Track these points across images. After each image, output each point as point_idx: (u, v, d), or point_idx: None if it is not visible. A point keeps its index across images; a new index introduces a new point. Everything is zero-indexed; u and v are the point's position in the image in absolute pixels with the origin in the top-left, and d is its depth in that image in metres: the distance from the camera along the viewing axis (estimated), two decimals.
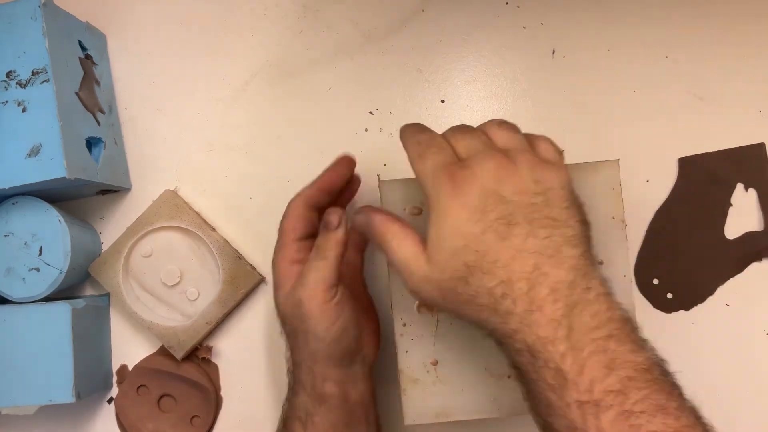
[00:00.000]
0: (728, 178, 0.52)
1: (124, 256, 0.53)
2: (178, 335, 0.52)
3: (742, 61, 0.52)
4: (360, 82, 0.55)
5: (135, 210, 0.54)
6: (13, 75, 0.47)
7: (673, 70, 0.53)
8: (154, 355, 0.55)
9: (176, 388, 0.54)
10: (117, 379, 0.55)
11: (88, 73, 0.52)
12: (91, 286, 0.56)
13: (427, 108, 0.54)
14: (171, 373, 0.54)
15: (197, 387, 0.54)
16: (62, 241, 0.50)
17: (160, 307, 0.54)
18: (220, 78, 0.56)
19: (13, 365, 0.49)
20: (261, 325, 0.54)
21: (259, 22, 0.56)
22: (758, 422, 0.51)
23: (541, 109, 0.54)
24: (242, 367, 0.54)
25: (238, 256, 0.53)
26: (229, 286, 0.53)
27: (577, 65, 0.53)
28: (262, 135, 0.55)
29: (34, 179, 0.46)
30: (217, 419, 0.54)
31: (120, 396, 0.55)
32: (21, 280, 0.50)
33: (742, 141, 0.52)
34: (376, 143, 0.54)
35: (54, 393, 0.49)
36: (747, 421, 0.51)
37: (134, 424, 0.54)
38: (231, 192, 0.55)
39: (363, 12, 0.55)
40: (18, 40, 0.47)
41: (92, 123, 0.51)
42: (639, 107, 0.53)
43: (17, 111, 0.47)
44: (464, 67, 0.54)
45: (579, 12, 0.54)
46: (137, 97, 0.56)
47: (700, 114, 0.52)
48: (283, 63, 0.55)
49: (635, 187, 0.52)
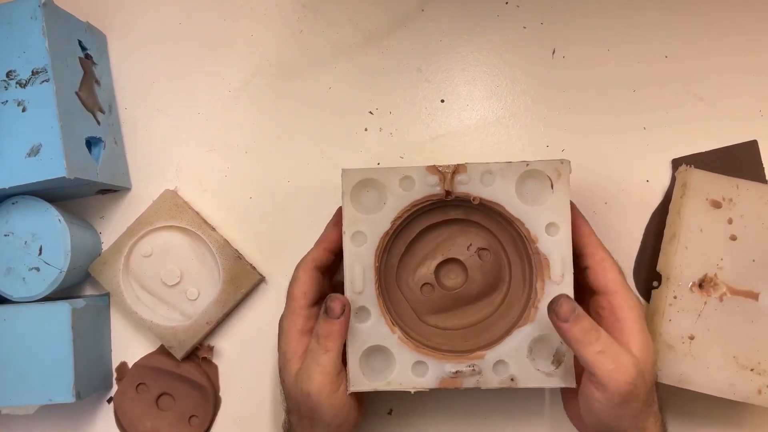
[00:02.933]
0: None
1: (124, 256, 0.53)
2: (178, 335, 0.52)
3: (742, 61, 0.52)
4: (360, 82, 0.55)
5: (135, 210, 0.54)
6: (13, 75, 0.47)
7: (672, 70, 0.53)
8: (154, 353, 0.55)
9: (175, 388, 0.54)
10: (116, 376, 0.55)
11: (88, 72, 0.52)
12: (91, 286, 0.56)
13: (426, 108, 0.54)
14: (170, 372, 0.54)
15: (196, 387, 0.54)
16: (62, 240, 0.50)
17: (160, 306, 0.54)
18: (220, 78, 0.56)
19: (13, 365, 0.49)
20: (261, 325, 0.54)
21: (259, 22, 0.56)
22: None
23: (541, 109, 0.54)
24: (242, 367, 0.54)
25: (238, 256, 0.53)
26: (229, 285, 0.53)
27: (577, 65, 0.53)
28: (262, 135, 0.55)
29: (34, 179, 0.46)
30: (216, 419, 0.54)
31: (119, 393, 0.54)
32: (21, 280, 0.50)
33: (741, 141, 0.52)
34: (376, 143, 0.54)
35: (54, 393, 0.49)
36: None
37: (132, 421, 0.54)
38: (231, 192, 0.55)
39: (363, 12, 0.55)
40: (18, 39, 0.47)
41: (92, 123, 0.51)
42: (639, 107, 0.53)
43: (17, 111, 0.47)
44: (464, 67, 0.55)
45: (579, 12, 0.54)
46: (137, 96, 0.56)
47: (700, 114, 0.52)
48: (283, 63, 0.55)
49: (635, 187, 0.52)
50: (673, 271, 0.47)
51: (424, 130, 0.54)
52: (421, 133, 0.54)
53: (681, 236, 0.47)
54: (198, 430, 0.54)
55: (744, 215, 0.47)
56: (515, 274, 0.46)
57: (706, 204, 0.48)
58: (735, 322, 0.47)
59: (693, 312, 0.47)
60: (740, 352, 0.46)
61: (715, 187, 0.48)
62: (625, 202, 0.52)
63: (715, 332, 0.47)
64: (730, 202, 0.47)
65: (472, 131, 0.54)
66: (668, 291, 0.47)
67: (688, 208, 0.48)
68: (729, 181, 0.48)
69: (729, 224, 0.47)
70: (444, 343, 0.46)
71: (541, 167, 0.43)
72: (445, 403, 0.53)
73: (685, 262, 0.47)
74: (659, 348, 0.47)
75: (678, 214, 0.48)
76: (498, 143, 0.54)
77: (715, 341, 0.47)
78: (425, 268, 0.47)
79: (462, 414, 0.53)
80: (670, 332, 0.47)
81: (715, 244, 0.47)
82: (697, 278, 0.47)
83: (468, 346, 0.45)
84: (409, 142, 0.54)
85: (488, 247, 0.46)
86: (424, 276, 0.47)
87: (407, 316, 0.47)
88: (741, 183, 0.48)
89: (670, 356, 0.47)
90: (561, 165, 0.43)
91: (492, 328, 0.46)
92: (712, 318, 0.47)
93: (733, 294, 0.47)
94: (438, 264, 0.47)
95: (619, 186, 0.52)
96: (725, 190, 0.48)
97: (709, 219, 0.47)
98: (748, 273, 0.47)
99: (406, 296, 0.47)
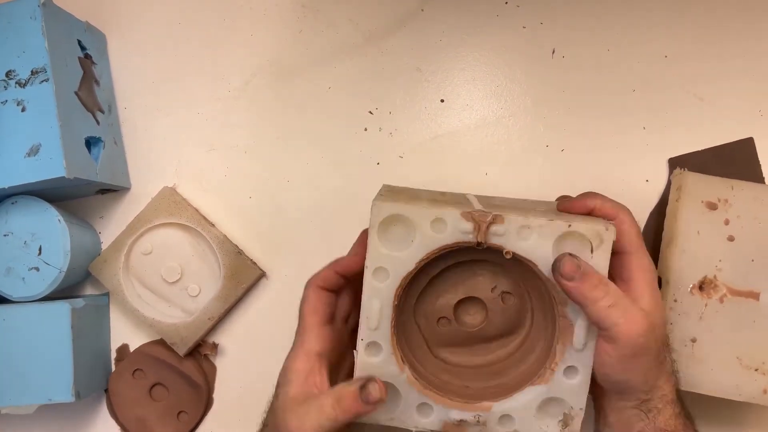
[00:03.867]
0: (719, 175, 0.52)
1: (124, 254, 0.53)
2: (180, 331, 0.52)
3: (742, 61, 0.52)
4: (360, 82, 0.55)
5: (134, 209, 0.54)
6: (13, 74, 0.47)
7: (672, 71, 0.53)
8: (156, 342, 0.55)
9: (171, 380, 0.54)
10: (116, 356, 0.55)
11: (87, 72, 0.52)
12: (91, 286, 0.56)
13: (426, 107, 0.54)
14: (170, 364, 0.54)
15: (191, 383, 0.54)
16: (62, 240, 0.50)
17: (161, 304, 0.54)
18: (220, 78, 0.56)
19: (12, 365, 0.49)
20: (263, 320, 0.54)
21: (259, 22, 0.56)
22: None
23: (541, 109, 0.54)
24: (243, 364, 0.55)
25: (238, 252, 0.53)
26: (230, 281, 0.53)
27: (577, 65, 0.53)
28: (262, 135, 0.55)
29: (34, 179, 0.46)
30: (204, 419, 0.54)
31: (115, 374, 0.55)
32: (21, 280, 0.50)
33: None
34: (376, 143, 0.54)
35: (53, 392, 0.49)
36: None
37: (123, 405, 0.54)
38: (231, 192, 0.55)
39: (363, 12, 0.55)
40: (17, 39, 0.47)
41: (91, 122, 0.51)
42: (638, 107, 0.53)
43: (17, 110, 0.47)
44: (464, 67, 0.55)
45: (579, 12, 0.54)
46: (137, 96, 0.56)
47: (700, 114, 0.52)
48: (283, 63, 0.55)
49: (635, 187, 0.52)
50: (673, 274, 0.47)
51: (424, 130, 0.54)
52: (420, 133, 0.54)
53: (678, 239, 0.47)
54: (185, 426, 0.54)
55: (740, 216, 0.47)
56: (536, 323, 0.44)
57: (702, 206, 0.48)
58: (737, 323, 0.47)
59: (694, 315, 0.47)
60: (743, 353, 0.47)
61: (710, 188, 0.48)
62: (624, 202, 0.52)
63: (718, 334, 0.47)
64: (725, 203, 0.47)
65: (472, 131, 0.54)
66: (668, 295, 0.47)
67: (684, 211, 0.48)
68: (724, 183, 0.48)
69: (726, 225, 0.47)
70: (451, 380, 0.44)
71: (584, 230, 0.40)
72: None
73: (683, 265, 0.47)
74: None
75: (674, 218, 0.48)
76: (498, 143, 0.54)
77: (717, 343, 0.47)
78: (445, 302, 0.45)
79: None
80: (673, 336, 0.47)
81: (712, 245, 0.47)
82: (696, 281, 0.47)
83: (476, 390, 0.44)
84: (409, 142, 0.54)
85: (513, 292, 0.44)
86: (443, 310, 0.45)
87: (418, 347, 0.45)
88: (736, 184, 0.48)
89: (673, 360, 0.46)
90: (605, 231, 0.40)
91: (503, 374, 0.44)
92: (714, 320, 0.47)
93: (734, 295, 0.47)
94: (459, 300, 0.45)
95: (619, 186, 0.52)
96: (720, 192, 0.48)
97: (706, 221, 0.47)
98: (747, 273, 0.47)
99: (420, 326, 0.45)
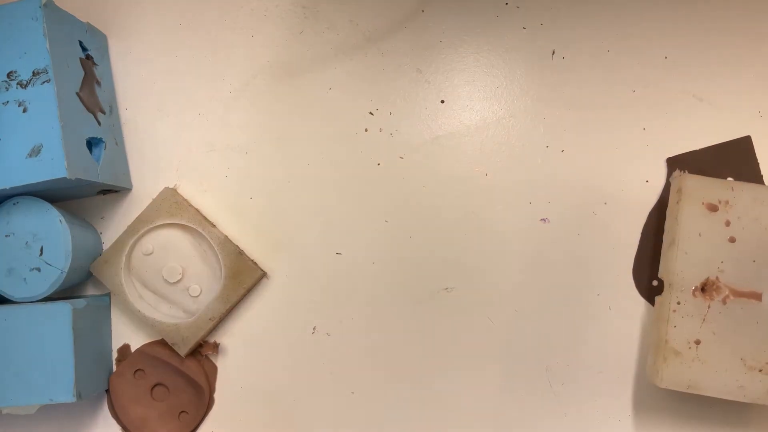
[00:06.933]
0: (717, 174, 0.52)
1: (125, 255, 0.53)
2: (181, 332, 0.53)
3: (742, 62, 0.52)
4: (360, 82, 0.55)
5: (136, 210, 0.55)
6: (14, 75, 0.48)
7: (672, 71, 0.53)
8: (158, 343, 0.55)
9: (172, 380, 0.54)
10: (117, 356, 0.55)
11: (88, 73, 0.52)
12: (92, 286, 0.56)
13: (426, 108, 0.55)
14: (171, 365, 0.54)
15: (192, 384, 0.54)
16: (63, 241, 0.50)
17: (162, 304, 0.54)
18: (221, 78, 0.56)
19: (13, 365, 0.49)
20: (264, 321, 0.54)
21: (259, 23, 0.56)
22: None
23: (540, 109, 0.54)
24: (244, 364, 0.55)
25: (239, 252, 0.53)
26: (231, 281, 0.53)
27: (577, 66, 0.53)
28: (262, 135, 0.55)
29: (35, 179, 0.47)
30: (205, 419, 0.55)
31: (116, 374, 0.55)
32: (22, 280, 0.50)
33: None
34: (376, 143, 0.54)
35: (55, 393, 0.49)
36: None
37: (124, 405, 0.54)
38: (231, 192, 0.55)
39: (363, 13, 0.55)
40: (19, 40, 0.47)
41: (93, 123, 0.51)
42: (638, 107, 0.53)
43: (18, 111, 0.47)
44: (464, 67, 0.55)
45: (579, 13, 0.54)
46: (138, 97, 0.56)
47: (700, 114, 0.52)
48: (283, 63, 0.55)
49: (634, 187, 0.52)
50: (675, 277, 0.48)
51: (424, 130, 0.54)
52: (421, 134, 0.54)
53: (680, 242, 0.47)
54: (186, 426, 0.54)
55: (741, 217, 0.47)
56: None
57: (703, 208, 0.48)
58: (740, 324, 0.47)
59: (697, 316, 0.47)
60: (747, 354, 0.47)
61: (710, 190, 0.48)
62: (624, 202, 0.52)
63: (721, 335, 0.47)
64: (726, 205, 0.48)
65: (472, 132, 0.54)
66: (671, 297, 0.47)
67: (685, 214, 0.48)
68: (723, 184, 0.48)
69: (727, 227, 0.47)
70: None
71: None
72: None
73: (685, 267, 0.47)
74: (666, 355, 0.47)
75: (675, 220, 0.48)
76: (498, 144, 0.54)
77: (721, 344, 0.47)
78: None
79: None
80: (676, 338, 0.47)
81: (714, 247, 0.47)
82: (699, 282, 0.47)
83: None
84: (409, 142, 0.54)
85: None
86: None
87: None
88: (736, 185, 0.48)
89: (677, 362, 0.47)
90: None
91: None
92: (717, 321, 0.47)
93: (736, 296, 0.47)
94: None
95: (619, 186, 0.52)
96: (720, 193, 0.48)
97: (707, 223, 0.47)
98: (749, 274, 0.47)
99: None
